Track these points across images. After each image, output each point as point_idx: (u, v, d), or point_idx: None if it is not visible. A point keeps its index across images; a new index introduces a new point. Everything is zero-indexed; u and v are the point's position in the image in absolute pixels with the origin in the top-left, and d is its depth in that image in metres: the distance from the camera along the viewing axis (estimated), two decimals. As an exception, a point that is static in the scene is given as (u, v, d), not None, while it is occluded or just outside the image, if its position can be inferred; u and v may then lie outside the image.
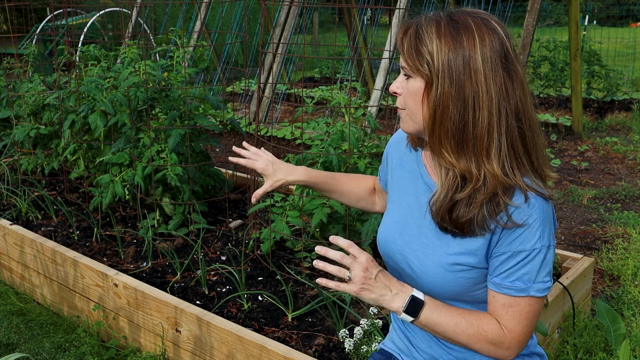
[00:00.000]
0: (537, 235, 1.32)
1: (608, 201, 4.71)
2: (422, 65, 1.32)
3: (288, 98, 8.24)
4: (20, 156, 4.18)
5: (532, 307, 1.36)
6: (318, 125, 3.04)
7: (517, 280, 1.35)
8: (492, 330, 1.38)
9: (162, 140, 3.35)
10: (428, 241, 1.44)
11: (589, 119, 7.31)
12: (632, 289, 3.24)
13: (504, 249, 1.34)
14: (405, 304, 1.38)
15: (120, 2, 8.30)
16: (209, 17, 8.33)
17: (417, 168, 1.52)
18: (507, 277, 1.35)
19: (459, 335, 1.38)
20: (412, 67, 1.34)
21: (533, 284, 1.34)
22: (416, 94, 1.35)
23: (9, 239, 3.31)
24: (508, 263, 1.35)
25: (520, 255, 1.33)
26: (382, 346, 1.71)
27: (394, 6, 5.94)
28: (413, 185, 1.52)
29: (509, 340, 1.38)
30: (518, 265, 1.34)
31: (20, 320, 3.02)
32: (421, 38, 1.32)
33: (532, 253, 1.33)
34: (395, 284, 1.40)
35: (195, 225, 3.31)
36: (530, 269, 1.34)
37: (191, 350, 2.48)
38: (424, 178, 1.49)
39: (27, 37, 8.47)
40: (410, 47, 1.33)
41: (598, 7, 17.40)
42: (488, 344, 1.38)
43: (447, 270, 1.40)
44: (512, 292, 1.35)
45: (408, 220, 1.50)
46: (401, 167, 1.58)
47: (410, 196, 1.52)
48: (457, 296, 1.43)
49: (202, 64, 3.68)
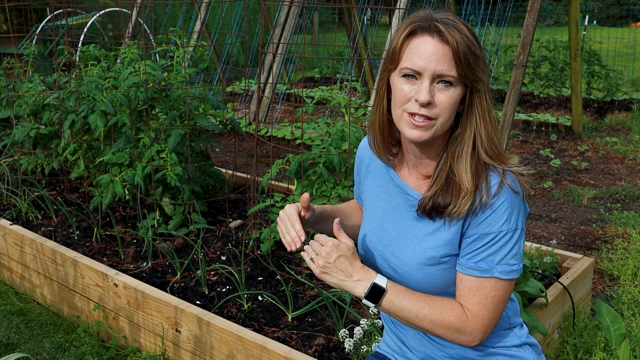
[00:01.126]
0: (504, 218, 1.36)
1: (608, 201, 4.71)
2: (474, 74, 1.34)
3: (288, 98, 8.24)
4: (20, 156, 4.18)
5: (497, 292, 1.39)
6: (318, 125, 3.04)
7: (481, 261, 1.38)
8: (456, 316, 1.39)
9: (162, 140, 3.35)
10: (407, 241, 1.47)
11: (589, 119, 7.31)
12: (632, 289, 3.24)
13: (473, 231, 1.38)
14: (367, 291, 1.40)
15: (120, 2, 8.29)
16: (209, 17, 8.33)
17: (386, 172, 1.55)
18: (472, 258, 1.39)
19: (422, 321, 1.40)
20: (462, 76, 1.34)
21: (497, 265, 1.37)
22: (456, 104, 1.37)
23: (9, 239, 3.31)
24: (475, 244, 1.38)
25: (487, 237, 1.37)
26: (377, 349, 1.71)
27: (394, 6, 5.94)
28: (385, 190, 1.55)
29: (472, 325, 1.39)
30: (484, 247, 1.38)
31: (20, 320, 3.02)
32: (470, 46, 1.33)
33: (498, 235, 1.36)
34: (359, 270, 1.42)
35: (195, 225, 3.31)
36: (494, 250, 1.37)
37: (191, 350, 2.47)
38: (394, 181, 1.52)
39: (27, 37, 8.47)
40: (465, 55, 1.33)
41: (598, 7, 17.39)
42: (450, 329, 1.40)
43: (428, 265, 1.43)
44: (476, 273, 1.38)
45: (384, 224, 1.53)
46: (371, 174, 1.60)
47: (382, 201, 1.55)
48: (444, 289, 1.45)
49: (202, 64, 3.68)
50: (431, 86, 1.34)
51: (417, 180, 1.49)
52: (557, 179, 5.24)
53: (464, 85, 1.36)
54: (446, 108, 1.35)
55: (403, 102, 1.37)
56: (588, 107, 7.74)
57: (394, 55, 1.39)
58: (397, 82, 1.38)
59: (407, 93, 1.36)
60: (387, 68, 1.42)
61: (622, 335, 2.29)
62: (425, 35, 1.34)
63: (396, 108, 1.40)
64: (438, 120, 1.37)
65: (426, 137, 1.38)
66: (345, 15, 7.34)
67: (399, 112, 1.39)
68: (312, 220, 1.59)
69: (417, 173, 1.49)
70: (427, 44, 1.33)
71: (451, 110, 1.36)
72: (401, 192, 1.50)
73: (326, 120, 3.07)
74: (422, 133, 1.37)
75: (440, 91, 1.35)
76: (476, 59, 1.34)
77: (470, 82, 1.35)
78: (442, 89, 1.35)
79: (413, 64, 1.34)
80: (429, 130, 1.37)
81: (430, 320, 1.40)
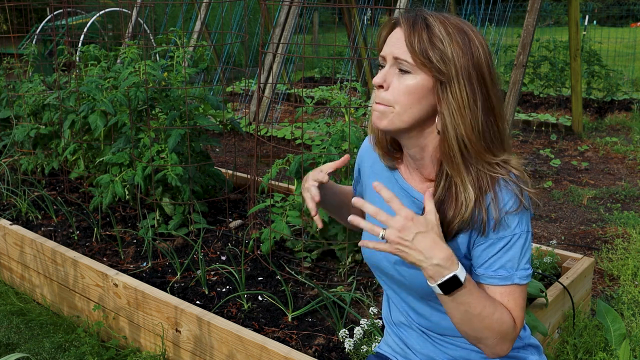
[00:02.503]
0: (515, 220, 1.32)
1: (608, 201, 4.71)
2: (434, 63, 1.27)
3: (288, 98, 8.24)
4: (20, 156, 4.18)
5: (519, 298, 1.35)
6: (318, 125, 3.04)
7: (500, 269, 1.33)
8: (509, 320, 1.33)
9: (162, 140, 3.35)
10: None
11: (589, 119, 7.31)
12: (632, 289, 3.25)
13: (483, 239, 1.33)
14: (443, 280, 1.27)
15: (120, 2, 8.29)
16: (209, 17, 8.33)
17: (391, 174, 1.50)
18: (490, 266, 1.34)
19: (480, 320, 1.30)
20: (418, 63, 1.28)
21: (516, 271, 1.33)
22: (414, 92, 1.30)
23: (9, 239, 3.31)
24: (490, 251, 1.33)
25: (501, 242, 1.32)
26: (378, 349, 1.70)
27: (394, 6, 5.94)
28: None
29: (515, 334, 1.35)
30: (500, 253, 1.33)
31: (20, 320, 3.02)
32: (434, 33, 1.28)
33: (512, 238, 1.32)
34: (440, 253, 1.26)
35: (195, 225, 3.31)
36: (512, 256, 1.32)
37: (191, 351, 2.48)
38: (399, 183, 1.48)
39: (27, 37, 8.47)
40: (422, 41, 1.27)
41: (598, 7, 17.40)
42: (500, 334, 1.32)
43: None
44: (495, 281, 1.33)
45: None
46: (374, 175, 1.55)
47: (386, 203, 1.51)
48: None
49: (202, 64, 3.68)
50: (390, 70, 1.32)
51: (421, 183, 1.45)
52: (557, 179, 5.24)
53: (430, 76, 1.29)
54: (400, 94, 1.30)
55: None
56: (588, 107, 7.74)
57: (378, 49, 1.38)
58: None
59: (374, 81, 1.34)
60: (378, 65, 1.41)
61: (622, 335, 2.29)
62: (396, 27, 1.34)
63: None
64: (395, 109, 1.32)
65: (384, 125, 1.33)
66: (345, 15, 7.34)
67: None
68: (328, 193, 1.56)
69: (419, 175, 1.45)
70: (396, 33, 1.33)
71: (407, 98, 1.30)
72: (407, 194, 1.46)
73: (326, 120, 3.07)
74: (379, 120, 1.34)
75: (396, 77, 1.32)
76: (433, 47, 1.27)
77: (433, 72, 1.28)
78: (398, 75, 1.31)
79: (381, 50, 1.34)
80: (385, 117, 1.33)
81: (490, 320, 1.30)
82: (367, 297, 2.62)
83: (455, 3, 8.59)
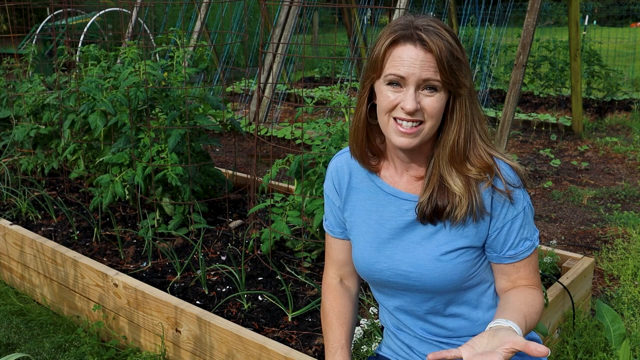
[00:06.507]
0: (521, 195, 1.43)
1: (608, 201, 4.71)
2: (457, 79, 1.36)
3: (288, 98, 8.24)
4: (20, 156, 4.18)
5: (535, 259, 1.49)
6: (318, 125, 3.04)
7: (525, 241, 1.45)
8: (539, 296, 1.46)
9: (162, 140, 3.35)
10: (414, 244, 1.45)
11: (589, 119, 7.31)
12: (632, 289, 3.25)
13: (501, 222, 1.42)
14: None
15: (120, 2, 8.29)
16: (209, 17, 8.34)
17: (371, 182, 1.52)
18: (517, 246, 1.44)
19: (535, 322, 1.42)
20: (446, 83, 1.35)
21: (534, 234, 1.47)
22: (442, 107, 1.38)
23: (9, 239, 3.31)
24: (512, 234, 1.43)
25: (517, 220, 1.43)
26: (378, 351, 1.70)
27: (394, 6, 5.94)
28: (374, 202, 1.51)
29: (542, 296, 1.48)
30: (519, 230, 1.43)
31: (20, 320, 3.02)
32: (453, 52, 1.34)
33: (524, 211, 1.43)
34: (505, 337, 1.24)
35: (195, 225, 3.31)
36: (527, 226, 1.45)
37: (191, 350, 2.48)
38: (384, 189, 1.50)
39: (27, 37, 8.47)
40: (449, 61, 1.33)
41: (598, 7, 17.41)
42: (541, 311, 1.45)
43: (443, 261, 1.42)
44: (525, 254, 1.45)
45: (382, 235, 1.50)
46: (354, 190, 1.56)
47: (373, 213, 1.51)
48: (459, 284, 1.44)
49: (202, 64, 3.68)
50: (416, 93, 1.35)
51: (409, 184, 1.47)
52: (557, 179, 5.24)
53: (447, 91, 1.37)
54: (434, 112, 1.37)
55: (389, 109, 1.37)
56: (588, 107, 7.74)
57: (376, 64, 1.38)
58: (382, 90, 1.38)
59: (392, 100, 1.36)
60: (370, 76, 1.41)
61: (622, 335, 2.29)
62: (407, 44, 1.34)
63: (382, 115, 1.40)
64: (426, 125, 1.37)
65: (415, 144, 1.39)
66: (345, 15, 7.34)
67: (385, 119, 1.39)
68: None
69: (408, 176, 1.48)
70: (410, 52, 1.33)
71: (438, 114, 1.38)
72: (394, 198, 1.48)
73: (326, 120, 3.07)
74: (410, 140, 1.38)
75: (427, 96, 1.36)
76: (459, 64, 1.35)
77: (453, 88, 1.36)
78: (428, 94, 1.36)
79: (397, 71, 1.34)
80: (417, 137, 1.38)
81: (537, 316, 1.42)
82: (367, 297, 2.62)
83: (455, 3, 8.59)
